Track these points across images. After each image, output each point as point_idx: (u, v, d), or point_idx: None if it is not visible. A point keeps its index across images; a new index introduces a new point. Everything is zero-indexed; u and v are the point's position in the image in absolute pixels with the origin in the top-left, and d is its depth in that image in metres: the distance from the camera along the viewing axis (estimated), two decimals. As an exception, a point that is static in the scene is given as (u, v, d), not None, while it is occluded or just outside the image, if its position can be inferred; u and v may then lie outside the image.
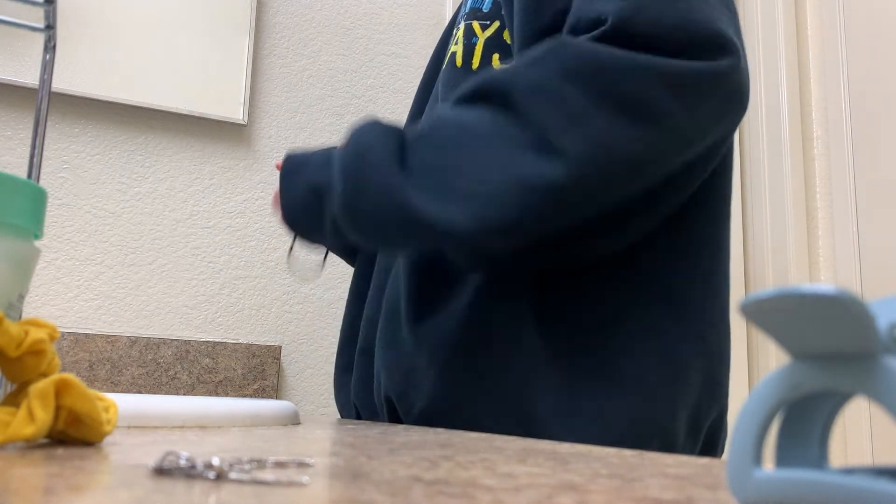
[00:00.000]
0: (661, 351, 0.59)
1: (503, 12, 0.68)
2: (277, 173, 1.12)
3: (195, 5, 1.23)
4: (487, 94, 0.57)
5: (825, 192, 1.49)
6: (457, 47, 0.71)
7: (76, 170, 1.14)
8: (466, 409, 0.61)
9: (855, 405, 1.35)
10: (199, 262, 1.18)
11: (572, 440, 0.56)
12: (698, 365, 0.61)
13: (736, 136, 1.57)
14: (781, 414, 0.19)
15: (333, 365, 1.23)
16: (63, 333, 1.06)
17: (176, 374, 1.11)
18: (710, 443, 0.65)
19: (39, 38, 1.12)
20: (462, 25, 0.72)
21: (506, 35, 0.68)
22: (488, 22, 0.70)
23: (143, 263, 1.15)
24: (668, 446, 0.60)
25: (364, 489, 0.21)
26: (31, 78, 1.11)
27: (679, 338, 0.60)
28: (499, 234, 0.54)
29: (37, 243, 1.10)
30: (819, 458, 0.18)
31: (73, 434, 0.30)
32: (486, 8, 0.71)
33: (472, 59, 0.69)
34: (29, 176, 0.89)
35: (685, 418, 0.60)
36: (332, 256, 1.26)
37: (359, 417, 0.75)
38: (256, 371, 1.15)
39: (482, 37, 0.70)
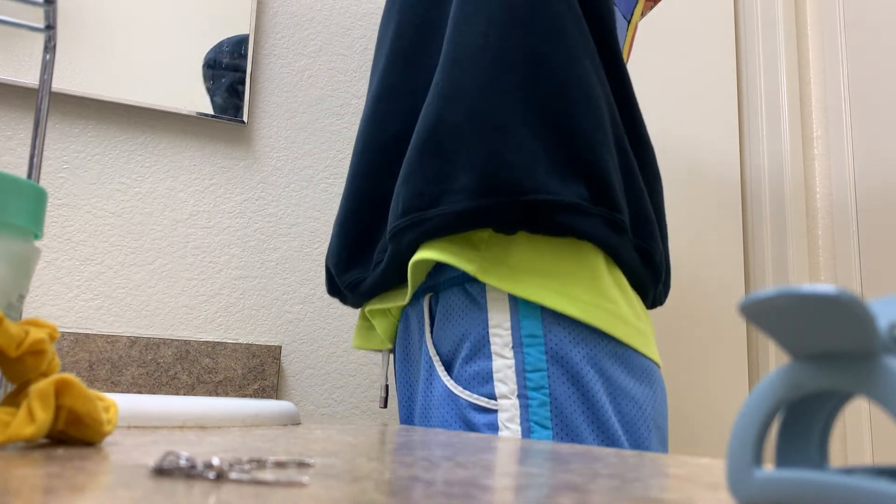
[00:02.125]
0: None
1: None
2: (277, 173, 1.16)
3: (195, 5, 1.23)
4: None
5: (825, 192, 1.49)
6: None
7: (76, 170, 1.14)
8: None
9: (855, 405, 1.34)
10: (199, 262, 1.18)
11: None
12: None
13: (736, 135, 1.57)
14: (781, 414, 0.19)
15: (334, 365, 1.23)
16: (63, 333, 1.06)
17: (176, 374, 1.11)
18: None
19: (39, 38, 1.12)
20: None
21: None
22: None
23: (143, 263, 1.15)
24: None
25: (364, 489, 0.21)
26: (31, 78, 1.11)
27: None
28: None
29: (37, 243, 1.10)
30: (819, 458, 0.18)
31: (73, 434, 0.30)
32: None
33: None
34: (29, 176, 0.89)
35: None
36: None
37: None
38: (256, 371, 1.15)
39: None
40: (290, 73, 1.29)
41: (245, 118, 1.22)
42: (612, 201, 0.67)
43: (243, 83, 1.23)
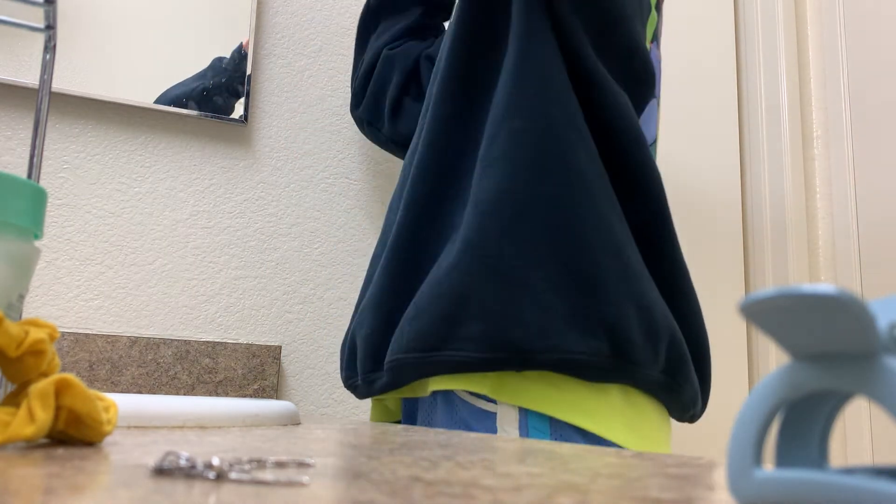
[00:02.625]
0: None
1: None
2: (277, 173, 1.16)
3: (195, 5, 1.23)
4: None
5: (825, 192, 1.49)
6: None
7: (76, 170, 1.14)
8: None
9: (855, 405, 1.34)
10: (199, 262, 1.18)
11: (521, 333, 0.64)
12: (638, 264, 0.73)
13: (736, 135, 1.57)
14: (781, 414, 0.19)
15: (334, 365, 1.23)
16: (63, 333, 1.06)
17: (176, 374, 1.11)
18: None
19: (39, 38, 1.12)
20: None
21: None
22: None
23: (143, 263, 1.15)
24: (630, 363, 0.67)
25: (364, 489, 0.21)
26: (31, 78, 1.11)
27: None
28: None
29: (37, 243, 1.10)
30: (819, 458, 0.18)
31: (73, 434, 0.30)
32: None
33: None
34: (29, 176, 0.89)
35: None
36: (333, 260, 1.26)
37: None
38: (256, 371, 1.15)
39: None
40: (290, 73, 1.29)
41: (245, 118, 1.22)
42: (632, 356, 0.65)
43: (243, 83, 1.23)
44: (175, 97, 1.19)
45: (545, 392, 0.65)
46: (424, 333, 0.66)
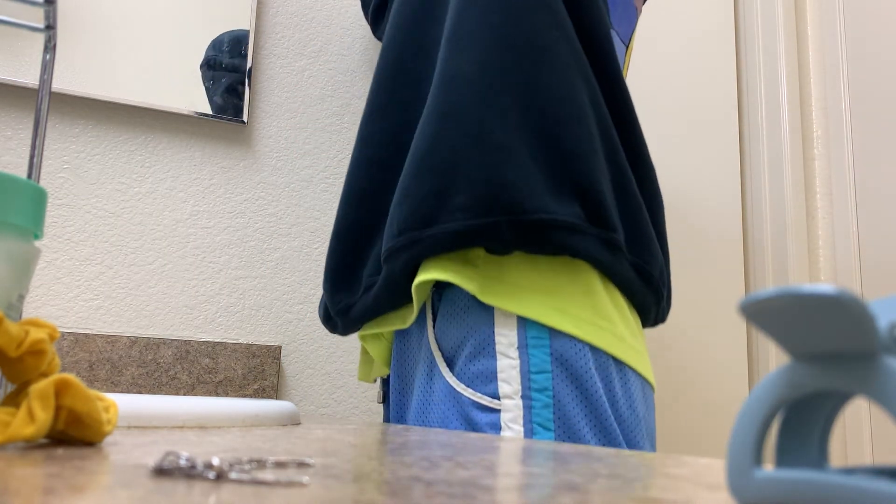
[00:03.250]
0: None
1: None
2: (277, 173, 1.16)
3: (195, 5, 1.23)
4: None
5: (825, 192, 1.49)
6: None
7: (76, 170, 1.14)
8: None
9: (855, 405, 1.34)
10: (199, 262, 1.18)
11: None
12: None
13: (736, 135, 1.57)
14: (781, 414, 0.19)
15: (334, 365, 1.23)
16: (63, 333, 1.06)
17: (176, 374, 1.11)
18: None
19: (39, 38, 1.12)
20: None
21: None
22: None
23: (143, 263, 1.15)
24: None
25: (364, 489, 0.21)
26: (31, 78, 1.11)
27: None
28: None
29: (37, 243, 1.10)
30: (819, 458, 0.18)
31: (73, 434, 0.30)
32: None
33: None
34: (29, 176, 0.89)
35: None
36: None
37: None
38: (256, 371, 1.15)
39: None
40: (290, 73, 1.29)
41: (245, 118, 1.22)
42: (606, 221, 0.68)
43: (243, 83, 1.23)
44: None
45: (531, 297, 0.66)
46: (414, 212, 0.67)
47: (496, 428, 0.66)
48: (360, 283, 0.79)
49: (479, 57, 0.70)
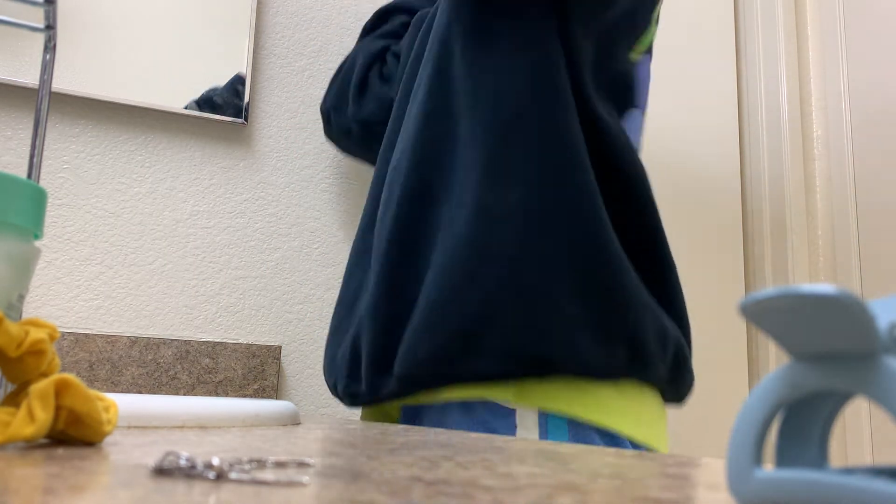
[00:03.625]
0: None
1: None
2: (277, 173, 1.14)
3: (195, 5, 1.23)
4: None
5: (825, 192, 1.49)
6: None
7: (76, 170, 1.14)
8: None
9: (855, 405, 1.34)
10: (199, 262, 1.18)
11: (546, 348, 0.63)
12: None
13: (736, 135, 1.57)
14: (781, 414, 0.19)
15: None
16: (63, 333, 1.06)
17: (176, 374, 1.11)
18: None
19: (39, 38, 1.12)
20: None
21: None
22: None
23: (143, 263, 1.15)
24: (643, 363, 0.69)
25: (364, 489, 0.21)
26: (31, 78, 1.11)
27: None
28: None
29: (37, 243, 1.10)
30: (819, 458, 0.18)
31: (73, 434, 0.30)
32: None
33: None
34: (29, 176, 0.89)
35: None
36: (327, 254, 1.26)
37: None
38: (256, 371, 1.15)
39: None
40: (290, 73, 1.29)
41: (245, 118, 1.22)
42: (648, 360, 0.68)
43: (243, 83, 1.23)
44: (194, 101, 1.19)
45: (563, 394, 0.66)
46: (441, 348, 0.65)
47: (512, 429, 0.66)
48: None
49: (522, 194, 0.67)
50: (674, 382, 0.72)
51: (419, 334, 0.67)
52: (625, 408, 0.68)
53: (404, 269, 0.71)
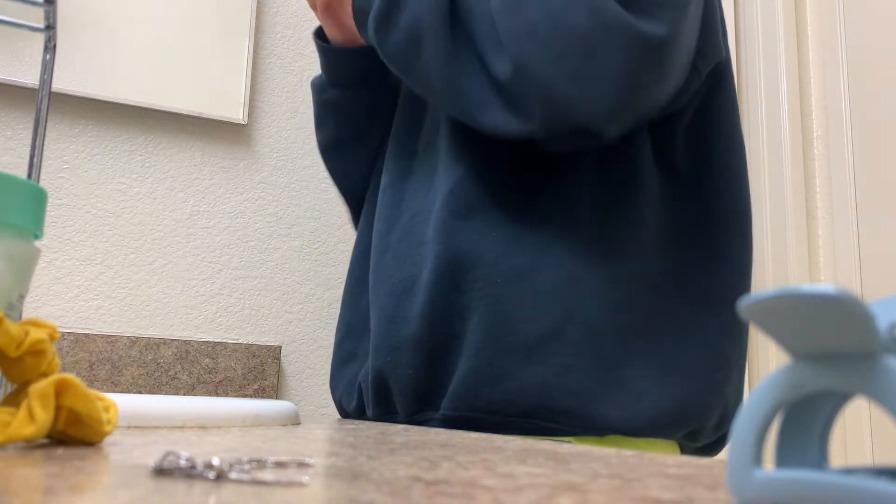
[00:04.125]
0: (705, 342, 0.67)
1: None
2: (277, 173, 1.12)
3: (195, 6, 1.23)
4: None
5: (825, 192, 1.49)
6: None
7: (76, 170, 1.14)
8: (508, 382, 0.63)
9: (855, 405, 1.34)
10: (199, 262, 1.18)
11: (618, 414, 0.62)
12: (735, 357, 0.70)
13: (736, 136, 1.57)
14: (781, 414, 0.19)
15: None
16: (63, 333, 1.06)
17: (176, 374, 1.11)
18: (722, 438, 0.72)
19: (39, 38, 1.12)
20: None
21: None
22: None
23: (143, 263, 1.15)
24: (695, 435, 0.67)
25: (364, 489, 0.21)
26: (31, 78, 1.11)
27: (720, 332, 0.68)
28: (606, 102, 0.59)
29: (37, 243, 1.10)
30: (819, 458, 0.18)
31: (73, 434, 0.30)
32: None
33: None
34: (29, 176, 0.89)
35: (719, 408, 0.67)
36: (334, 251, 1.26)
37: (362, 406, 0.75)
38: (256, 371, 1.15)
39: None
40: (290, 73, 1.29)
41: (245, 118, 1.22)
42: (701, 438, 0.68)
43: (243, 83, 1.23)
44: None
45: (615, 442, 0.66)
46: (510, 401, 0.63)
47: None
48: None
49: (609, 266, 0.65)
50: (701, 451, 0.72)
51: (483, 379, 0.64)
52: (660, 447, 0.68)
53: (448, 303, 0.67)
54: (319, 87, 0.86)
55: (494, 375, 0.64)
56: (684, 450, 0.70)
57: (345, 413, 0.80)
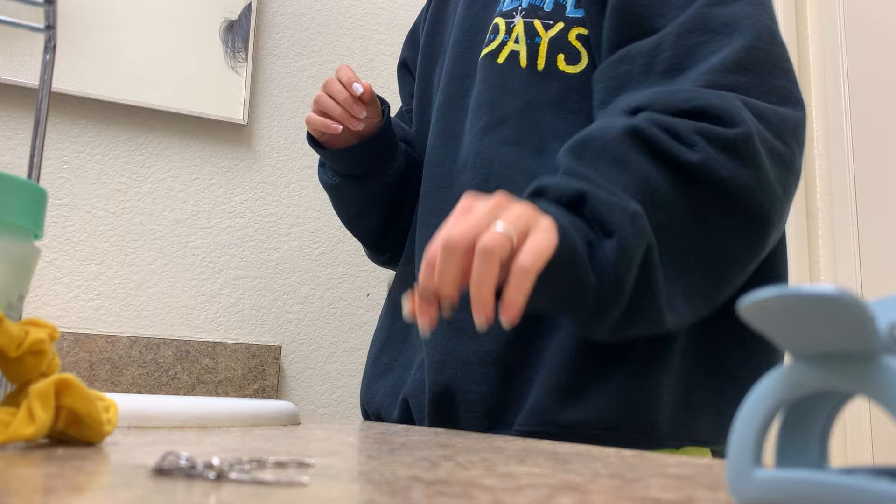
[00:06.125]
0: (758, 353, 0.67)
1: (580, 14, 0.68)
2: (277, 173, 1.11)
3: (195, 6, 1.23)
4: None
5: (825, 192, 1.49)
6: (518, 46, 0.70)
7: (76, 170, 1.14)
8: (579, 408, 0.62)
9: (855, 405, 1.34)
10: (199, 262, 1.18)
11: (701, 426, 0.63)
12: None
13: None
14: (781, 414, 0.19)
15: (334, 365, 1.23)
16: (63, 333, 1.06)
17: (176, 374, 1.11)
18: None
19: (39, 38, 1.12)
20: (518, 22, 0.71)
21: (571, 36, 0.69)
22: (551, 22, 0.69)
23: (143, 263, 1.15)
24: None
25: (364, 489, 0.21)
26: (31, 78, 1.11)
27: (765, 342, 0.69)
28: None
29: (37, 243, 1.10)
30: (819, 458, 0.18)
31: (73, 434, 0.30)
32: (547, 7, 0.70)
33: (536, 59, 0.70)
34: (29, 176, 0.89)
35: None
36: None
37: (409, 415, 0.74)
38: (256, 371, 1.15)
39: (546, 37, 0.70)
40: (290, 73, 1.29)
41: (245, 118, 1.22)
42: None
43: (243, 83, 1.23)
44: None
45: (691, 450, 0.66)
46: (609, 419, 0.62)
47: None
48: None
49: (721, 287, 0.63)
50: None
51: (576, 395, 0.63)
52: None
53: (526, 318, 0.65)
54: (322, 176, 0.88)
55: (575, 391, 0.62)
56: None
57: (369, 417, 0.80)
